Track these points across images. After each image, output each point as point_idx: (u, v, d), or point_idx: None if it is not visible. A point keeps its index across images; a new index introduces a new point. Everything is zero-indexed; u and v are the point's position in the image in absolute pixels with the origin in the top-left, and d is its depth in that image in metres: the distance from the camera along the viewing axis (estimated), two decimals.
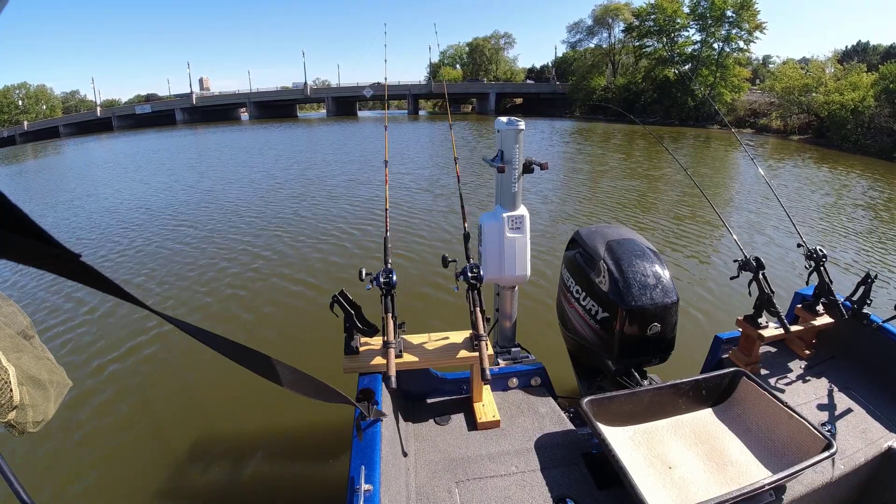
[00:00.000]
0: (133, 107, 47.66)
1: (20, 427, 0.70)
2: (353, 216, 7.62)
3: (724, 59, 30.94)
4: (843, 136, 19.30)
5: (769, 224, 6.09)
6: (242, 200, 9.55)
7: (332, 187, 10.27)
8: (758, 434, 1.48)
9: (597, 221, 6.73)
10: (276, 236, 6.92)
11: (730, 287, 4.23)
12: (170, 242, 6.93)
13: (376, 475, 1.15)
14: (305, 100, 50.54)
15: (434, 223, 6.91)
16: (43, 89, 49.90)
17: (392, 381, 1.38)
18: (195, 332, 0.55)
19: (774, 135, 23.94)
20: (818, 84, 22.65)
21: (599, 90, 38.46)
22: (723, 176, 11.95)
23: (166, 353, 3.93)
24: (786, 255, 5.03)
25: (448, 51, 58.59)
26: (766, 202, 7.50)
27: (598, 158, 14.33)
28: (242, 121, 45.34)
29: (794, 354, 2.02)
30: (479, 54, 54.74)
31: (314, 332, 4.02)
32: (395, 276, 1.63)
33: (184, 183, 12.09)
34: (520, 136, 2.07)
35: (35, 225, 0.32)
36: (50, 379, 0.77)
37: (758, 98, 28.98)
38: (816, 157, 16.02)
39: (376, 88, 45.17)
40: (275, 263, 5.79)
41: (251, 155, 17.46)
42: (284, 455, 2.72)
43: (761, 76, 36.33)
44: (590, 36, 44.04)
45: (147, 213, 8.81)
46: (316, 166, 13.85)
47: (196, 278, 5.55)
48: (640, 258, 1.81)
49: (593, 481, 1.42)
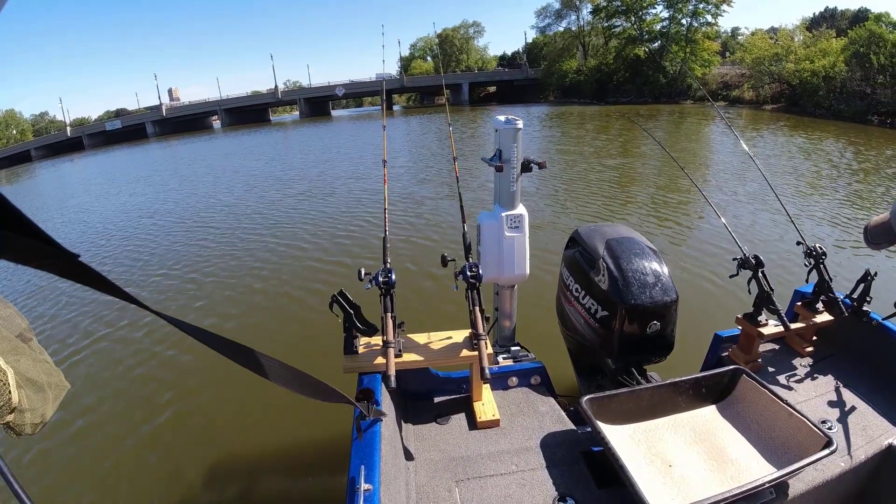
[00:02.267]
0: (103, 123, 46.21)
1: (18, 429, 0.70)
2: (353, 216, 7.62)
3: (693, 34, 31.24)
4: (816, 102, 19.51)
5: (766, 217, 6.10)
6: (229, 206, 9.57)
7: (324, 187, 10.27)
8: (758, 432, 1.48)
9: (590, 216, 6.74)
10: (273, 237, 6.92)
11: (729, 285, 4.23)
12: (172, 253, 6.93)
13: (376, 475, 1.15)
14: (277, 103, 50.11)
15: (433, 223, 6.91)
16: (12, 114, 48.94)
17: (392, 380, 1.37)
18: (194, 331, 0.55)
19: (747, 106, 24.11)
20: (788, 53, 22.86)
21: (572, 73, 38.56)
22: (705, 153, 12.10)
23: (156, 347, 3.93)
24: (784, 251, 5.04)
25: (418, 43, 58.40)
26: (757, 187, 7.46)
27: (581, 146, 14.27)
28: (215, 129, 44.71)
29: (794, 352, 2.03)
30: (449, 45, 54.27)
31: (314, 331, 4.02)
32: (394, 275, 1.63)
33: (162, 198, 11.79)
34: (518, 135, 2.07)
35: (34, 225, 0.32)
36: (48, 381, 0.76)
37: (728, 70, 29.35)
38: (791, 125, 16.19)
39: (348, 86, 45.21)
40: (273, 264, 5.79)
41: (227, 163, 17.20)
42: (284, 455, 2.72)
43: (731, 48, 36.87)
44: (558, 19, 44.17)
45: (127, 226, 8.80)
46: (298, 168, 13.88)
47: (195, 278, 5.55)
48: (640, 256, 1.81)
49: (593, 480, 1.42)
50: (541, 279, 4.28)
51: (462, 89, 44.31)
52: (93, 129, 44.27)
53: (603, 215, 6.89)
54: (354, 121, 37.89)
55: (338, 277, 5.13)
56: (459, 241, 1.92)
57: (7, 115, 48.31)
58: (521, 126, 2.08)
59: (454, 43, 54.55)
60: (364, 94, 55.34)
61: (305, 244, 6.42)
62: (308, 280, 5.20)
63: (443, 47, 53.14)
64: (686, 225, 6.17)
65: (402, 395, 1.77)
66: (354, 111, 62.21)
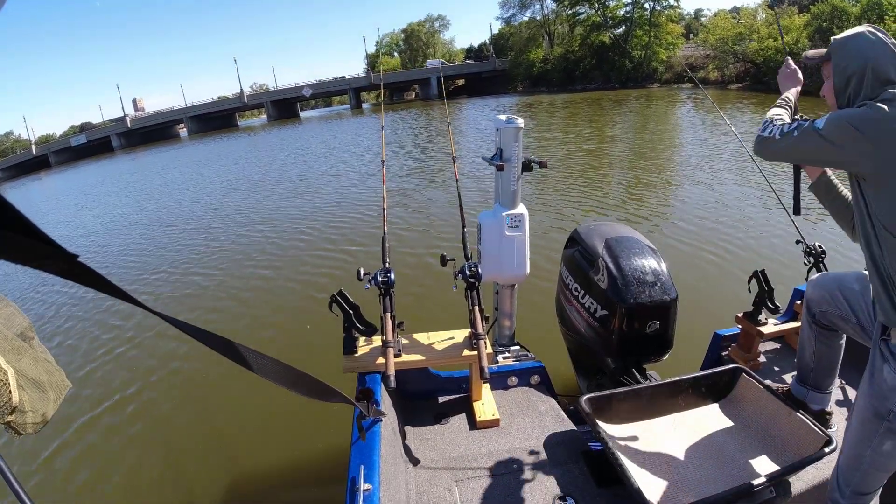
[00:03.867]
0: (68, 139, 45.54)
1: (19, 428, 0.70)
2: (352, 216, 7.62)
3: (657, 18, 31.62)
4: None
5: (764, 214, 6.10)
6: (223, 209, 9.55)
7: (320, 188, 10.27)
8: (757, 430, 1.48)
9: (588, 215, 6.74)
10: (271, 237, 6.92)
11: (729, 284, 4.23)
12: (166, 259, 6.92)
13: (376, 474, 1.15)
14: (244, 107, 49.52)
15: (433, 222, 6.90)
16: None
17: (391, 380, 1.38)
18: (193, 331, 0.55)
19: (713, 86, 24.34)
20: (751, 32, 23.13)
21: (539, 63, 38.79)
22: (680, 136, 12.22)
23: (156, 347, 3.93)
24: (782, 247, 5.04)
25: (384, 39, 58.21)
26: (754, 179, 7.45)
27: (554, 133, 14.25)
28: (182, 137, 44.23)
29: (793, 351, 2.03)
30: (415, 40, 54.17)
31: (313, 331, 4.02)
32: (393, 275, 1.63)
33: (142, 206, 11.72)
34: (519, 134, 2.07)
35: (33, 225, 0.32)
36: (49, 380, 0.77)
37: (693, 52, 29.82)
38: (756, 102, 16.33)
39: (315, 86, 44.94)
40: (272, 264, 5.79)
41: (202, 170, 16.91)
42: (284, 454, 2.72)
43: (694, 30, 37.29)
44: (523, 9, 44.41)
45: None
46: (279, 169, 13.71)
47: (195, 280, 5.55)
48: (639, 255, 1.81)
49: (593, 479, 1.43)
50: (540, 279, 4.28)
51: (431, 84, 43.62)
52: (58, 146, 43.28)
53: (598, 210, 6.88)
54: (325, 121, 37.42)
55: (337, 277, 5.13)
56: (459, 241, 1.92)
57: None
58: (523, 125, 2.08)
59: (420, 37, 54.28)
60: (332, 93, 54.80)
61: (301, 244, 6.42)
62: (307, 280, 5.20)
63: (409, 42, 52.82)
64: (690, 229, 6.17)
65: (401, 395, 1.77)
66: (324, 111, 61.32)
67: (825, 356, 1.51)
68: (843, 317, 1.39)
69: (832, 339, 1.49)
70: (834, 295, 1.40)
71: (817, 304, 1.46)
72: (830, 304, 1.41)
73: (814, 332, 1.51)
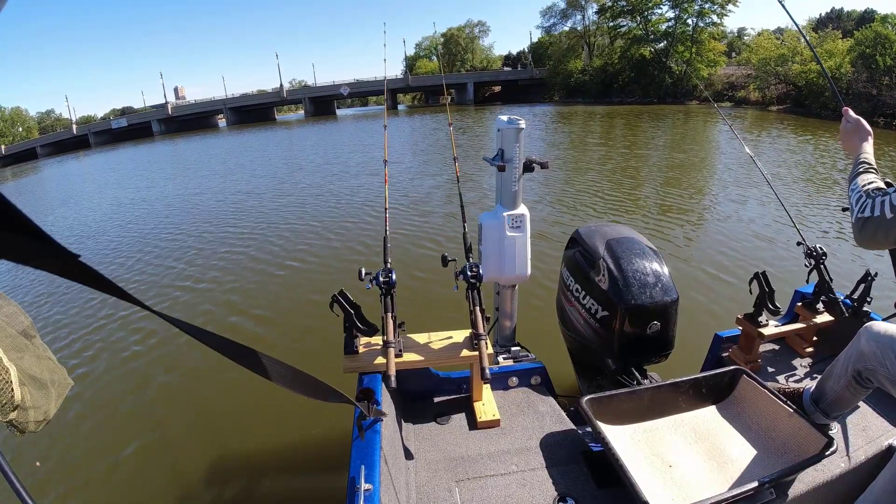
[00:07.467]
0: (109, 122, 46.52)
1: (21, 426, 0.71)
2: (352, 216, 7.63)
3: (699, 35, 31.29)
4: (822, 103, 19.54)
5: (766, 218, 6.09)
6: (228, 204, 9.58)
7: (324, 187, 10.28)
8: (758, 432, 1.48)
9: (594, 215, 6.73)
10: (271, 237, 6.93)
11: (730, 285, 4.23)
12: (166, 246, 6.95)
13: (376, 475, 1.15)
14: (283, 102, 50.28)
15: (433, 222, 6.90)
16: (18, 111, 49.22)
17: (392, 380, 1.38)
18: (194, 331, 0.55)
19: (753, 106, 24.16)
20: (794, 54, 22.88)
21: (577, 73, 38.65)
22: (708, 153, 12.10)
23: (156, 347, 3.94)
24: (783, 250, 5.03)
25: (423, 42, 58.58)
26: (759, 187, 7.47)
27: (586, 146, 14.29)
28: (220, 128, 44.73)
29: (794, 353, 2.02)
30: (454, 44, 54.52)
31: (314, 331, 4.02)
32: (394, 275, 1.63)
33: (171, 193, 12.13)
34: (520, 134, 2.07)
35: (34, 225, 0.32)
36: (51, 379, 0.77)
37: (734, 71, 29.33)
38: (795, 125, 16.24)
39: (353, 86, 45.26)
40: (272, 264, 5.79)
41: (230, 161, 17.33)
42: (284, 454, 2.72)
43: (737, 49, 36.74)
44: (564, 19, 44.40)
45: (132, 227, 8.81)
46: (306, 167, 13.89)
47: (193, 274, 5.56)
48: (640, 256, 1.81)
49: (593, 480, 1.43)
50: (541, 279, 4.28)
51: (467, 89, 44.54)
52: (99, 127, 44.52)
53: (607, 214, 6.88)
54: (359, 120, 37.93)
55: (338, 277, 5.13)
56: (460, 241, 1.92)
57: (13, 113, 48.48)
58: (524, 126, 2.08)
59: (459, 42, 54.77)
60: (369, 93, 55.49)
61: (304, 245, 6.43)
62: (307, 279, 5.21)
63: (448, 47, 53.23)
64: (689, 228, 6.16)
65: (402, 394, 1.77)
66: (359, 110, 62.05)
67: (848, 401, 1.43)
68: (891, 379, 1.22)
69: (862, 392, 1.39)
70: (887, 355, 1.23)
71: (868, 361, 1.27)
72: (882, 364, 1.24)
73: (848, 384, 1.36)
